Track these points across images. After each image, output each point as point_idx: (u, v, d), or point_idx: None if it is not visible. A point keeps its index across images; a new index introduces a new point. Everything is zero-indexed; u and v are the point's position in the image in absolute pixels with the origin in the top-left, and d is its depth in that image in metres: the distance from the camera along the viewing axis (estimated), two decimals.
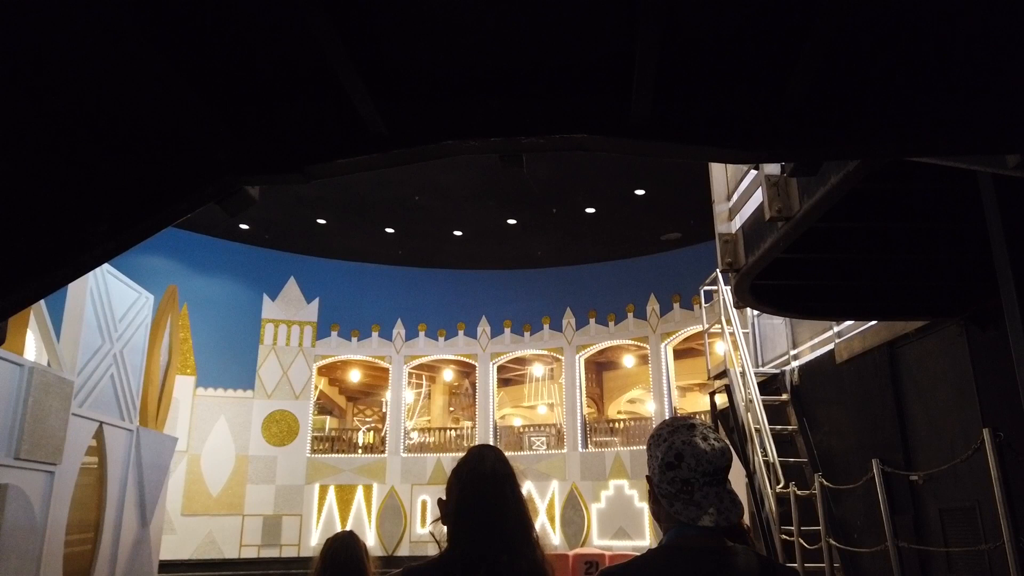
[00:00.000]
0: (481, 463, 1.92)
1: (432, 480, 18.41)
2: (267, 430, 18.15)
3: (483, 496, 1.85)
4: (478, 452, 1.99)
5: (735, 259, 3.98)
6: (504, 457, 1.99)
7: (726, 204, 4.10)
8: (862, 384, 6.16)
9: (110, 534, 6.83)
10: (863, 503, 5.60)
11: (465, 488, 1.88)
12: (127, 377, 7.13)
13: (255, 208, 9.43)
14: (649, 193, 14.91)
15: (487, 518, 1.82)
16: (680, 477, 1.58)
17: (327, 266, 19.44)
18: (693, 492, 1.57)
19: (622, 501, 16.72)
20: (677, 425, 1.65)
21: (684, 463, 1.57)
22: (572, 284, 18.91)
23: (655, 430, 1.69)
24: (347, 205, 16.41)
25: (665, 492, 1.60)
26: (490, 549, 1.78)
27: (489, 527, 1.80)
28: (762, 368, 7.76)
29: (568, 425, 18.31)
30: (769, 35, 1.90)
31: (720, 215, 4.09)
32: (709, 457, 1.57)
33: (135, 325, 7.29)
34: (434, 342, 19.59)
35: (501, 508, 1.84)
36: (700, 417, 13.44)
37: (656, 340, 17.60)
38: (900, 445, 5.56)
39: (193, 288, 17.94)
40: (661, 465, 1.61)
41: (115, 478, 6.91)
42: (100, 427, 6.68)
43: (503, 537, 1.81)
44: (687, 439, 1.60)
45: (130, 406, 7.20)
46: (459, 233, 17.50)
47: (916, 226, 3.97)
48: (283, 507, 17.80)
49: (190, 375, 17.60)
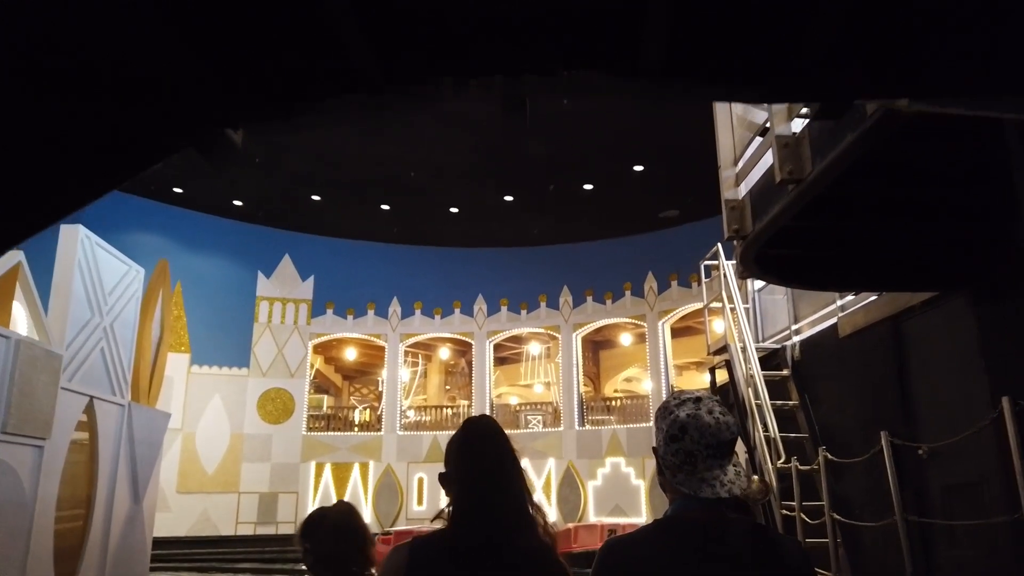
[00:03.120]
0: (480, 438, 1.92)
1: (428, 458, 18.39)
2: (262, 408, 18.08)
3: (484, 471, 1.85)
4: (475, 424, 1.98)
5: (742, 226, 3.85)
6: (500, 428, 1.97)
7: (732, 169, 3.97)
8: (865, 359, 6.06)
9: (102, 510, 6.74)
10: (865, 478, 5.53)
11: (465, 463, 1.88)
12: (118, 351, 7.00)
13: (249, 185, 9.44)
14: (648, 169, 14.75)
15: (489, 496, 1.81)
16: (684, 449, 1.59)
17: (322, 244, 19.27)
18: (696, 464, 1.58)
19: (618, 479, 16.74)
20: (684, 399, 1.66)
21: (688, 435, 1.59)
22: (569, 262, 18.79)
23: (663, 403, 1.69)
24: (342, 182, 16.22)
25: (669, 464, 1.62)
26: (493, 528, 1.78)
27: (491, 506, 1.80)
28: (763, 343, 7.67)
29: (565, 403, 18.27)
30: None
31: (726, 181, 3.96)
32: (713, 430, 1.59)
33: (125, 298, 7.14)
34: (430, 320, 19.49)
35: (501, 484, 1.84)
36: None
37: (653, 318, 17.53)
38: (904, 420, 5.47)
39: (187, 265, 17.77)
40: (666, 437, 1.62)
41: (107, 454, 6.80)
42: (91, 402, 6.56)
43: (504, 516, 1.80)
44: (692, 412, 1.61)
45: (121, 381, 7.07)
46: (455, 210, 17.33)
47: (927, 193, 3.84)
48: (279, 485, 17.78)
49: (184, 353, 17.49)
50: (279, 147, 14.63)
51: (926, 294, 5.17)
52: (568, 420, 18.06)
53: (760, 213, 3.75)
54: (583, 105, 12.70)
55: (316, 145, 14.62)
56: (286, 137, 14.27)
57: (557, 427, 18.25)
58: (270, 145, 14.58)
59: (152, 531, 8.04)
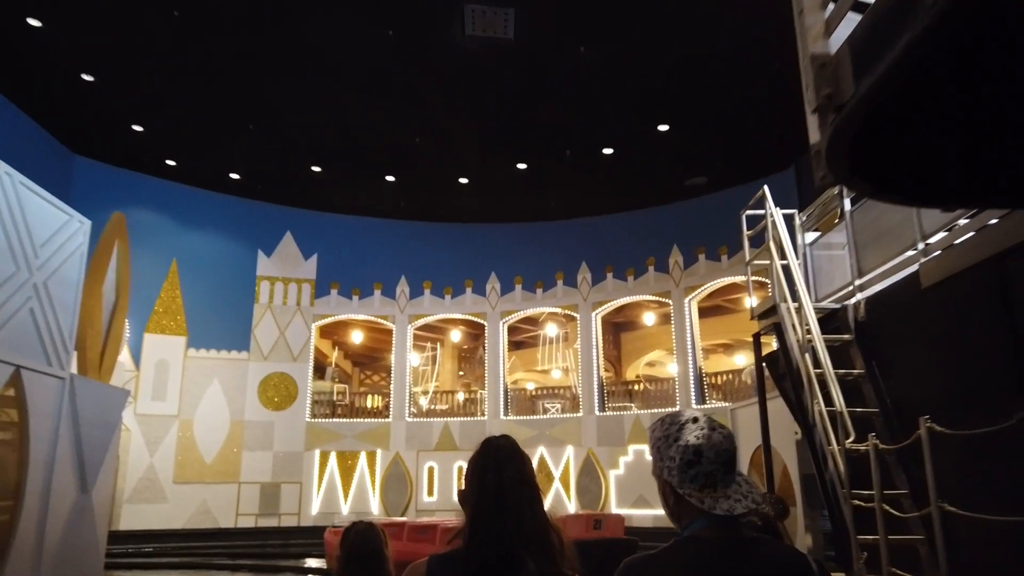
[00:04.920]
0: (496, 461, 1.89)
1: (439, 446, 17.34)
2: (263, 394, 17.11)
3: (497, 494, 1.83)
4: (493, 445, 1.94)
5: (837, 89, 2.67)
6: (519, 450, 1.94)
7: (821, 13, 2.79)
8: (958, 313, 4.86)
9: (36, 501, 5.71)
10: (975, 459, 4.34)
11: (480, 483, 1.86)
12: (55, 315, 5.95)
13: (246, 156, 8.13)
14: (673, 130, 13.48)
15: (500, 517, 1.80)
16: (703, 472, 1.58)
17: (326, 220, 18.23)
18: (716, 484, 1.58)
19: (642, 467, 15.55)
20: (681, 422, 1.64)
21: (704, 457, 1.58)
22: (588, 237, 17.59)
23: (655, 432, 1.67)
24: (343, 152, 15.13)
25: (690, 491, 1.59)
26: (505, 549, 1.77)
27: (502, 527, 1.79)
28: (818, 304, 6.46)
29: (584, 387, 17.11)
30: None
31: (812, 30, 2.77)
32: (725, 446, 1.60)
33: (64, 254, 6.08)
34: (440, 300, 18.38)
35: (513, 507, 1.82)
36: (726, 377, 12.01)
37: (679, 295, 16.28)
38: (1017, 388, 4.28)
39: (183, 243, 16.84)
40: (680, 465, 1.60)
41: (41, 434, 5.76)
42: (16, 372, 5.51)
43: (517, 539, 1.78)
44: (701, 433, 1.60)
45: (60, 350, 6.03)
46: (464, 181, 16.18)
47: None
48: (281, 474, 16.81)
49: (181, 336, 16.54)
50: (272, 111, 13.55)
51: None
52: (588, 405, 16.90)
53: (868, 64, 2.54)
54: (601, 57, 11.50)
55: (313, 110, 13.54)
56: (280, 99, 13.20)
57: (576, 413, 17.09)
58: (264, 109, 13.51)
59: (107, 525, 7.02)
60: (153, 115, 13.96)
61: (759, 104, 12.06)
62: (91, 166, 15.53)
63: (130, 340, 15.75)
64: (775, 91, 10.69)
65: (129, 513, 15.26)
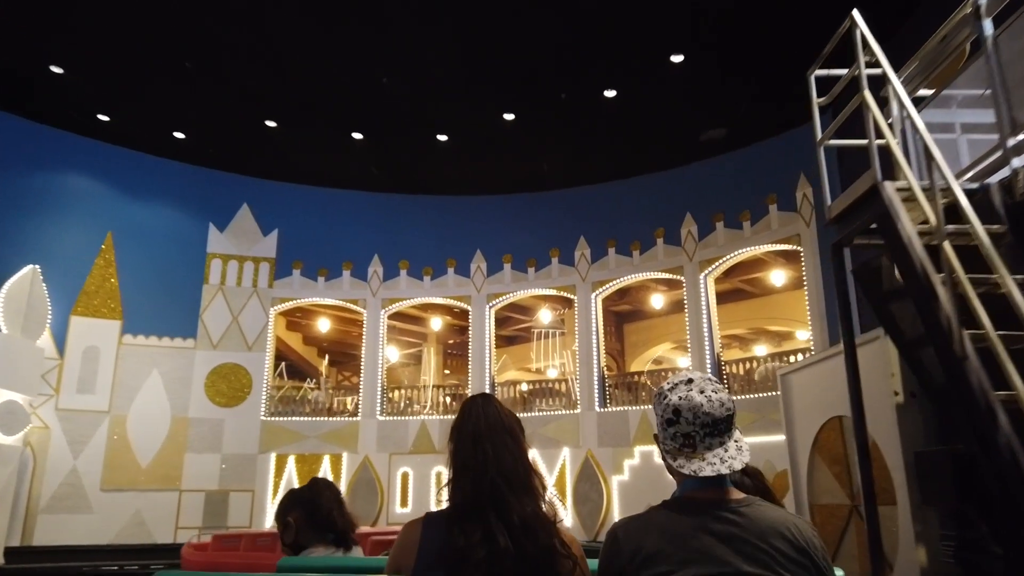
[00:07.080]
0: (476, 418, 1.90)
1: (415, 448, 14.96)
2: (212, 387, 14.74)
3: (479, 449, 1.83)
4: (473, 405, 1.96)
5: None
6: (497, 403, 1.96)
7: None
8: None
9: None
10: None
11: (460, 444, 1.88)
12: None
13: (188, 108, 5.02)
14: (689, 62, 11.23)
15: (476, 460, 1.81)
16: (681, 432, 1.63)
17: (288, 191, 15.95)
18: (695, 445, 1.62)
19: (650, 472, 13.15)
20: (676, 382, 1.68)
21: (682, 417, 1.63)
22: (586, 207, 15.29)
23: (658, 388, 1.71)
24: (300, 101, 12.89)
25: (669, 448, 1.67)
26: (486, 490, 1.77)
27: (483, 479, 1.78)
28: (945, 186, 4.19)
29: (583, 379, 14.73)
30: None
31: None
32: (707, 409, 1.61)
33: None
34: (418, 282, 16.06)
35: (490, 450, 1.82)
36: (748, 366, 9.30)
37: (693, 270, 13.94)
38: None
39: (121, 214, 14.56)
40: (662, 422, 1.67)
41: None
42: None
43: (496, 479, 1.78)
44: (684, 394, 1.64)
45: None
46: (444, 138, 13.92)
47: None
48: (231, 481, 14.40)
49: (115, 320, 14.22)
50: (212, 42, 11.32)
51: None
52: (587, 400, 14.53)
53: None
54: None
55: (259, 45, 11.33)
56: (220, 26, 10.98)
57: (574, 409, 14.71)
58: (203, 41, 11.29)
59: None
60: (74, 54, 11.75)
61: (796, 24, 9.77)
62: (3, 119, 13.32)
63: (53, 323, 13.45)
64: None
65: (46, 525, 12.88)
